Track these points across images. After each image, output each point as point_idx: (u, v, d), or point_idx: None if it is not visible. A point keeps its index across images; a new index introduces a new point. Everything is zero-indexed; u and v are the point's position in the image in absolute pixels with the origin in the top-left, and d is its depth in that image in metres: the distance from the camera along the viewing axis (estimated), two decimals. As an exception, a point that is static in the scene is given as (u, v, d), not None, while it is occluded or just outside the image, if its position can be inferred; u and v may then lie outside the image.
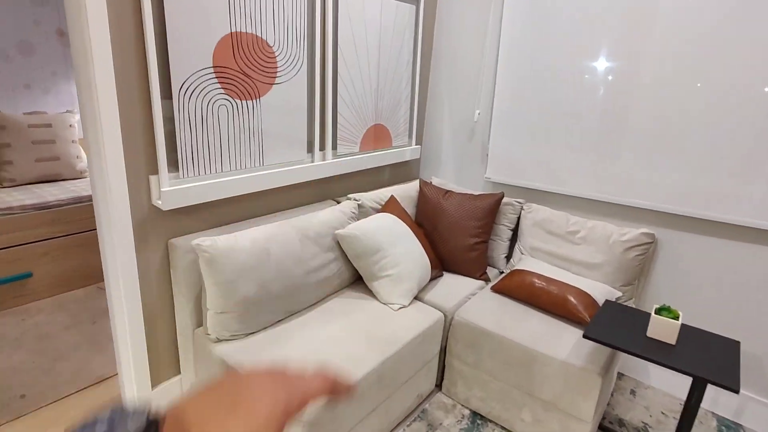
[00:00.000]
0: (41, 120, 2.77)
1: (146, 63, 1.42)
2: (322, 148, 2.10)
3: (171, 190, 1.52)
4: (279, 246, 1.68)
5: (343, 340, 1.62)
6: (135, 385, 1.66)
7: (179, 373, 1.79)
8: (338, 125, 2.14)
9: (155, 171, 1.52)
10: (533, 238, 2.22)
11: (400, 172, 2.72)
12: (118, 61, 1.36)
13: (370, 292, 1.96)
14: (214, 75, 1.57)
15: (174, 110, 1.49)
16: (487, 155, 2.49)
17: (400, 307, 1.86)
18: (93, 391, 1.89)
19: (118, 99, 1.38)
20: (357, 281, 2.05)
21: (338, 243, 1.91)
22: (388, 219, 2.02)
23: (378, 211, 2.21)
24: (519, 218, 2.32)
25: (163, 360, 1.73)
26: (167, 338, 1.72)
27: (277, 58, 1.76)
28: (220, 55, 1.57)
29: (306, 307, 1.80)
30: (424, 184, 2.42)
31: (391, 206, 2.18)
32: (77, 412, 1.78)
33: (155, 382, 1.72)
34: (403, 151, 2.60)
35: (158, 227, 1.58)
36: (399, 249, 1.93)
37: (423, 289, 2.05)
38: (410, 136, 2.66)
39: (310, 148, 2.03)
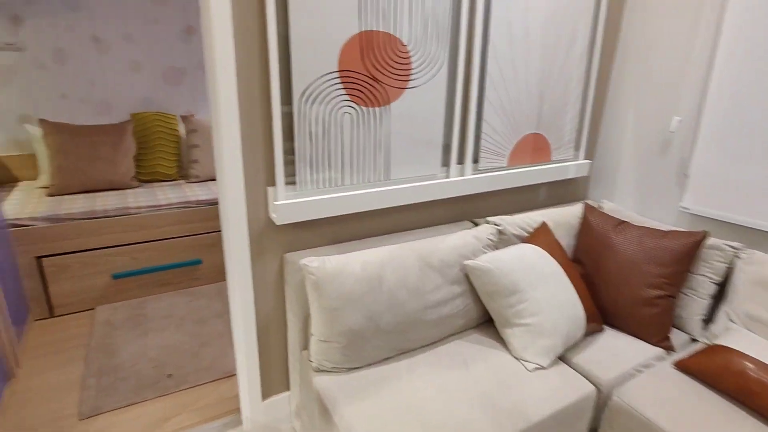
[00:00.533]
0: (223, 124, 3.12)
1: (268, 67, 1.35)
2: (461, 161, 1.81)
3: (285, 204, 1.44)
4: (394, 273, 1.47)
5: (456, 398, 1.32)
6: (248, 394, 1.65)
7: (288, 389, 1.74)
8: (482, 135, 1.83)
9: (273, 182, 1.47)
10: (753, 302, 1.55)
11: (560, 192, 2.24)
12: (240, 65, 1.31)
13: (502, 340, 1.60)
14: (339, 80, 1.44)
15: (294, 118, 1.40)
16: (687, 177, 1.85)
17: (537, 368, 1.47)
18: (222, 385, 1.99)
19: (239, 104, 1.34)
20: (487, 323, 1.71)
21: (467, 275, 1.61)
22: (534, 252, 1.63)
23: (523, 240, 1.82)
24: (730, 269, 1.66)
25: (275, 374, 1.69)
26: (279, 353, 1.67)
27: (412, 59, 1.55)
28: (347, 57, 1.43)
29: (420, 347, 1.56)
30: (590, 210, 1.93)
31: (540, 235, 1.77)
32: (206, 402, 1.88)
33: (266, 395, 1.70)
34: (566, 167, 2.13)
35: (274, 240, 1.52)
36: (543, 292, 1.53)
37: (571, 348, 1.60)
38: (577, 149, 2.17)
39: (445, 162, 1.76)
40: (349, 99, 1.48)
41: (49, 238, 2.37)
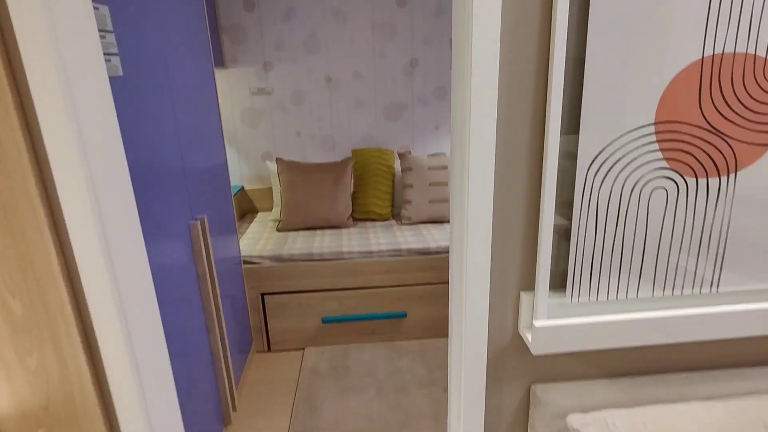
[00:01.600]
0: (440, 162, 2.84)
1: (544, 119, 0.90)
2: None
3: (549, 328, 0.95)
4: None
5: None
6: None
7: None
8: None
9: (529, 286, 1.00)
10: None
11: None
12: (503, 110, 0.90)
13: None
14: (654, 136, 0.89)
15: (574, 193, 0.92)
16: None
17: None
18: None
19: (497, 159, 0.92)
20: None
21: None
22: None
23: None
24: None
25: None
26: None
27: (795, 95, 0.89)
28: (673, 99, 0.87)
29: None
30: None
31: None
32: None
33: None
34: None
35: (521, 364, 1.06)
36: None
37: None
38: None
39: (827, 264, 1.01)
40: (667, 167, 0.91)
41: (272, 277, 2.43)
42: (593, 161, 0.90)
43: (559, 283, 0.99)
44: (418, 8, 2.95)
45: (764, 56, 0.87)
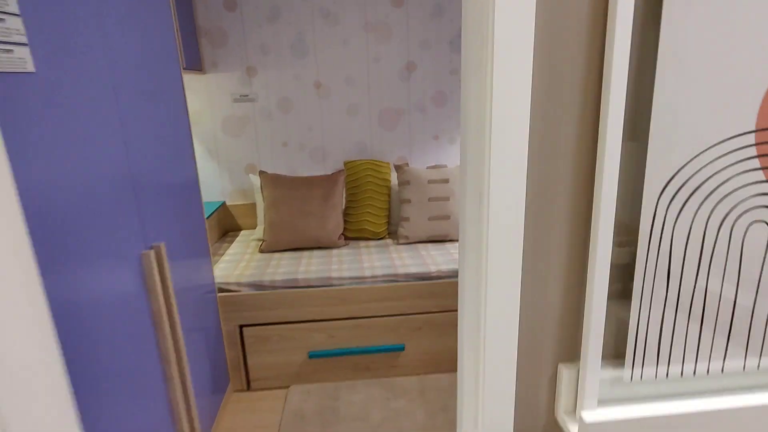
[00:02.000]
0: (440, 175, 2.58)
1: (596, 130, 0.63)
2: None
3: (602, 424, 0.67)
4: None
5: None
6: None
7: None
8: None
9: (572, 355, 0.73)
10: None
11: None
12: (539, 97, 0.63)
13: None
14: (754, 150, 0.63)
15: (639, 228, 0.65)
16: None
17: None
18: None
19: (529, 177, 0.65)
20: None
21: None
22: None
23: None
24: None
25: None
26: None
27: None
28: (783, 98, 0.61)
29: None
30: None
31: None
32: None
33: None
34: None
35: (559, 458, 0.78)
36: None
37: None
38: None
39: None
40: (773, 191, 0.64)
41: (251, 307, 2.14)
42: (668, 184, 0.63)
43: (613, 349, 0.72)
44: (415, 8, 2.71)
45: None
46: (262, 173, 2.57)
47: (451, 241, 2.59)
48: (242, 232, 2.88)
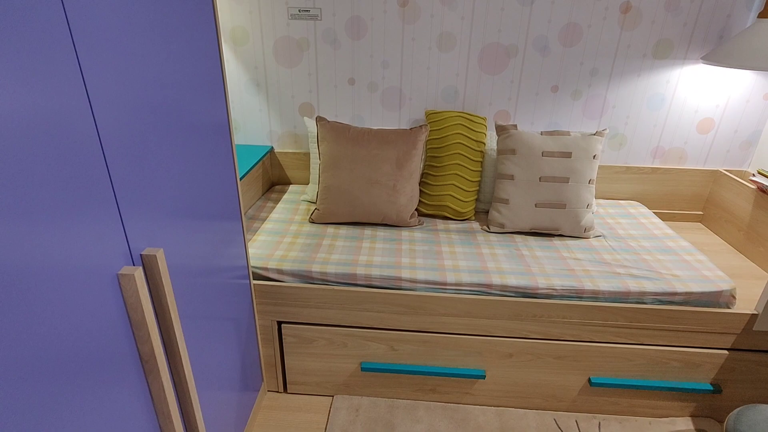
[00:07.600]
0: (559, 145, 1.86)
1: None
2: None
3: None
4: None
5: None
6: None
7: None
8: None
9: None
10: None
11: None
12: None
13: None
14: None
15: None
16: None
17: None
18: None
19: None
20: None
21: None
22: None
23: None
24: None
25: None
26: None
27: None
28: None
29: None
30: None
31: None
32: None
33: None
34: None
35: None
36: None
37: None
38: None
39: None
40: None
41: (293, 302, 1.65)
42: None
43: None
44: None
45: None
46: (320, 120, 1.96)
47: (560, 236, 1.93)
48: (291, 188, 2.35)
